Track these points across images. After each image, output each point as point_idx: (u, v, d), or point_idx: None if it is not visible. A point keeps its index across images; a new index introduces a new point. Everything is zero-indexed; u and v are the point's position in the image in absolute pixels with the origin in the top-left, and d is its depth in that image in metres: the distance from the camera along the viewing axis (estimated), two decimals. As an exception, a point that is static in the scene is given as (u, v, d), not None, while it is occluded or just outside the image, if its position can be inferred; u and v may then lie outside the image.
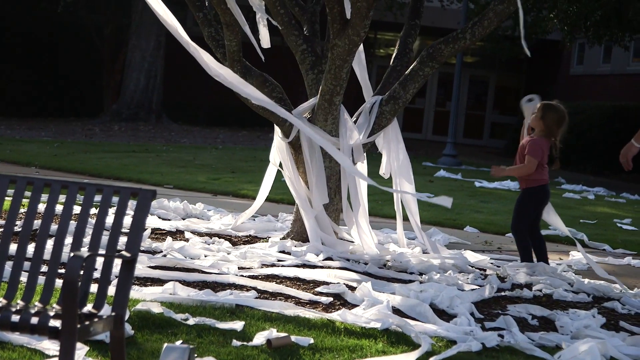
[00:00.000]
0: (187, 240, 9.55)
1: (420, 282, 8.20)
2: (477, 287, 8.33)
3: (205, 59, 7.86)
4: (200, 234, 9.99)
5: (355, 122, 9.77)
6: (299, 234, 9.70)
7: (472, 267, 9.37)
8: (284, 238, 9.78)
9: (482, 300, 7.89)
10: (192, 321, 6.40)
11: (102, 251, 4.96)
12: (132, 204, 9.58)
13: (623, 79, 31.56)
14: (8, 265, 5.54)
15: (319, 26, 10.31)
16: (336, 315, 6.85)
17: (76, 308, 4.45)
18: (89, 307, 4.86)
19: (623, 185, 23.23)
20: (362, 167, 9.85)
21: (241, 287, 7.63)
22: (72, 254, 4.54)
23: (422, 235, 9.92)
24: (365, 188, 9.85)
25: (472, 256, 9.76)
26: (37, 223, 8.69)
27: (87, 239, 7.79)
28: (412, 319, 6.96)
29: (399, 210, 9.95)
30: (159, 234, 9.85)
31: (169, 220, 10.78)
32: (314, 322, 6.70)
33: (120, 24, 32.83)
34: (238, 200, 13.87)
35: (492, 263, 9.67)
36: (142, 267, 7.89)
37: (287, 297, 7.44)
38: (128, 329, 5.94)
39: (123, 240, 5.15)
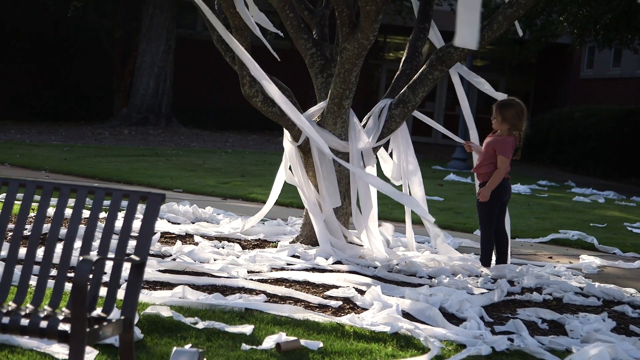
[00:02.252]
0: (196, 244, 9.55)
1: (430, 286, 8.20)
2: (487, 290, 8.31)
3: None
4: (209, 238, 9.99)
5: (364, 125, 9.76)
6: (308, 237, 9.70)
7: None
8: (293, 242, 9.78)
9: (491, 304, 7.88)
10: (201, 325, 6.40)
11: (111, 255, 4.96)
12: (141, 207, 9.62)
13: (633, 82, 31.50)
14: (17, 269, 5.56)
15: (328, 30, 10.31)
16: (345, 319, 6.85)
17: (85, 312, 4.45)
18: (98, 311, 4.86)
19: (633, 189, 23.18)
20: (372, 170, 9.84)
21: (250, 291, 7.63)
22: (81, 258, 4.54)
23: (434, 238, 9.91)
24: (375, 192, 9.84)
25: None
26: (46, 227, 8.70)
27: (96, 243, 7.81)
28: (421, 323, 6.95)
29: (409, 213, 9.95)
30: (168, 238, 9.86)
31: (179, 224, 10.79)
32: (324, 325, 6.69)
33: (130, 28, 32.88)
34: (248, 204, 13.87)
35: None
36: (151, 271, 7.90)
37: (296, 301, 7.43)
38: (137, 332, 5.94)
39: (132, 244, 5.16)
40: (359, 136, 9.57)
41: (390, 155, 10.01)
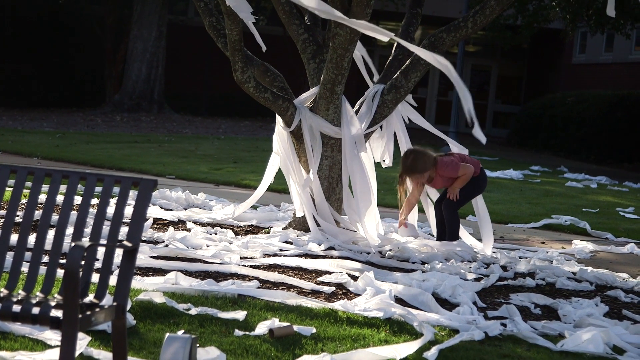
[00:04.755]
0: (189, 230, 9.54)
1: (423, 272, 8.20)
2: (480, 276, 8.32)
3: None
4: (202, 224, 9.98)
5: (357, 111, 9.75)
6: (301, 223, 9.68)
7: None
8: (286, 228, 9.77)
9: (484, 289, 7.89)
10: (194, 311, 6.39)
11: (103, 241, 4.95)
12: (133, 194, 9.61)
13: (625, 67, 31.52)
14: (9, 256, 5.56)
15: (320, 15, 10.27)
16: (338, 305, 6.84)
17: (77, 298, 4.44)
18: (90, 297, 4.85)
19: (626, 174, 23.21)
20: (366, 157, 9.81)
21: (243, 277, 7.62)
22: (73, 244, 4.53)
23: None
24: (374, 179, 9.84)
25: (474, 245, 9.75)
26: (38, 213, 8.68)
27: (88, 229, 7.79)
28: (414, 308, 6.95)
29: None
30: (160, 224, 9.85)
31: (171, 210, 10.78)
32: (316, 311, 6.69)
33: (122, 14, 32.80)
34: (240, 190, 13.86)
35: (494, 252, 9.65)
36: (144, 257, 7.89)
37: (289, 287, 7.43)
38: (130, 318, 5.93)
39: (124, 230, 5.14)
40: (351, 122, 9.55)
41: (381, 138, 10.01)
